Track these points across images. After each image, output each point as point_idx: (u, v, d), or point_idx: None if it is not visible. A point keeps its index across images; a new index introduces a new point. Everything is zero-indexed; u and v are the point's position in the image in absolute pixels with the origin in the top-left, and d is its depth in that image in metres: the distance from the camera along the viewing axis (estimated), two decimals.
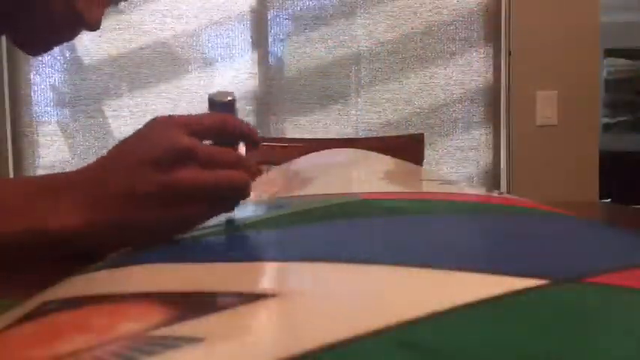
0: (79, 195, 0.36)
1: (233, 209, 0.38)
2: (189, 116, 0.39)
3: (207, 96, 0.45)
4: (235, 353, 0.15)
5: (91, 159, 0.40)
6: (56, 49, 0.61)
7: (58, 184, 0.38)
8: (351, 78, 2.12)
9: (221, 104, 0.45)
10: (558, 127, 2.05)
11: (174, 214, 0.36)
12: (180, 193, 0.36)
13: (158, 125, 0.38)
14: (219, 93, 0.46)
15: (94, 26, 0.58)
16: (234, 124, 0.41)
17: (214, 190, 0.36)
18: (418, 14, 2.10)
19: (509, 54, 2.05)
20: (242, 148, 0.43)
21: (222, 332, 0.17)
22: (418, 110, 2.12)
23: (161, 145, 0.37)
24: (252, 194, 0.38)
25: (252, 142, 0.42)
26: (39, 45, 0.61)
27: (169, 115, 0.39)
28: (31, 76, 2.05)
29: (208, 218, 0.37)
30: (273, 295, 0.20)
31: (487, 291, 0.19)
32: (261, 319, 0.19)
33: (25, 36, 0.59)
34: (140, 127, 0.39)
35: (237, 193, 0.37)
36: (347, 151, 0.85)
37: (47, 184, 0.38)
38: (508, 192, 1.96)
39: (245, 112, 2.10)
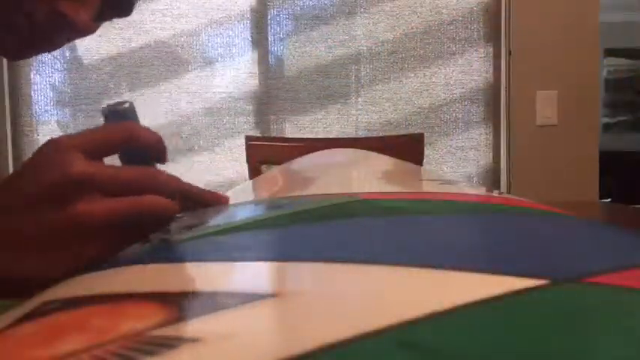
0: None
1: (149, 238, 0.33)
2: (87, 133, 0.33)
3: (104, 111, 0.38)
4: (235, 353, 0.15)
5: None
6: (57, 49, 0.59)
7: None
8: (351, 78, 2.12)
9: (119, 112, 0.38)
10: (558, 127, 2.05)
11: (71, 257, 0.30)
12: (79, 231, 0.30)
13: (48, 150, 0.32)
14: (115, 103, 0.39)
15: (83, 29, 0.55)
16: (142, 132, 0.35)
17: (121, 221, 0.31)
18: (418, 14, 2.10)
19: (510, 54, 2.05)
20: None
21: (222, 332, 0.17)
22: (418, 110, 2.12)
23: (50, 176, 0.30)
24: (253, 194, 0.38)
25: (160, 156, 0.36)
26: (22, 51, 0.58)
27: (63, 136, 0.33)
28: (31, 76, 2.05)
29: (115, 253, 0.32)
30: (273, 295, 0.20)
31: (487, 291, 0.19)
32: (261, 319, 0.19)
33: (6, 41, 0.55)
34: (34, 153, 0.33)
35: (154, 220, 0.32)
36: (347, 151, 0.85)
37: None
38: (508, 192, 1.96)
39: (245, 112, 2.10)
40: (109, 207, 0.31)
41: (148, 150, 0.36)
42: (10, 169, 2.04)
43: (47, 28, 0.55)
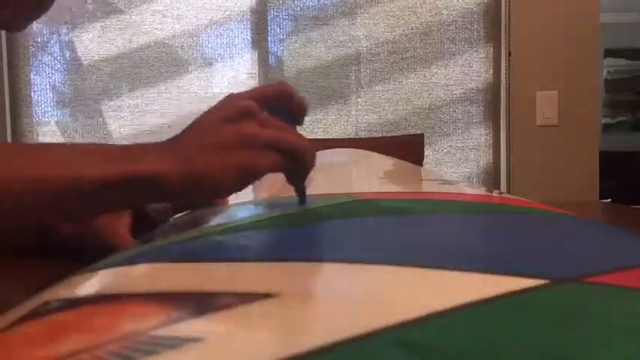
0: (164, 148, 0.41)
1: (292, 172, 0.42)
2: (251, 89, 0.45)
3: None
4: (235, 353, 0.15)
5: None
6: (56, 50, 0.60)
7: (147, 144, 0.42)
8: (351, 78, 2.12)
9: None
10: (558, 127, 2.05)
11: (244, 162, 0.39)
12: (245, 142, 0.40)
13: (227, 96, 0.44)
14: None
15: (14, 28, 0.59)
16: (292, 91, 0.45)
17: (274, 144, 0.40)
18: (418, 14, 2.10)
19: (510, 54, 2.05)
20: None
21: (222, 332, 0.17)
22: (418, 110, 2.12)
23: (226, 105, 0.42)
24: (252, 194, 0.38)
25: (300, 118, 0.46)
26: (18, 21, 0.61)
27: (237, 92, 0.44)
28: (31, 76, 2.05)
29: (271, 169, 0.40)
30: (273, 295, 0.20)
31: (487, 291, 0.19)
32: (261, 319, 0.19)
33: (9, 15, 0.58)
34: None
35: (297, 154, 0.41)
36: (347, 151, 0.85)
37: (136, 145, 0.43)
38: (508, 192, 1.96)
39: None
40: (266, 131, 0.41)
41: (294, 109, 0.45)
42: None
43: None
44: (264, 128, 0.41)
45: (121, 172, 0.38)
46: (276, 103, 0.45)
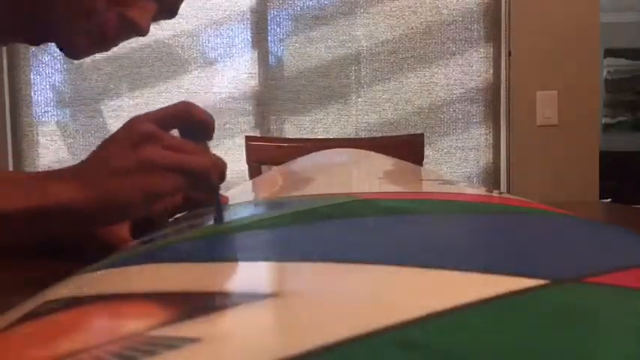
0: (70, 176, 0.42)
1: (198, 194, 0.44)
2: (154, 110, 0.46)
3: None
4: (235, 353, 0.15)
5: None
6: (56, 50, 0.61)
7: (53, 171, 0.44)
8: (351, 78, 2.12)
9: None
10: (558, 127, 2.05)
11: (146, 185, 0.41)
12: (148, 167, 0.41)
13: (130, 121, 0.44)
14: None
15: (145, 33, 0.61)
16: (196, 109, 0.46)
17: (174, 167, 0.42)
18: (418, 14, 2.10)
19: (509, 54, 2.05)
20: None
21: (222, 332, 0.17)
22: (418, 110, 2.12)
23: (128, 131, 0.43)
24: (252, 194, 0.38)
25: (208, 132, 0.47)
26: (87, 51, 0.62)
27: (138, 115, 0.45)
28: (31, 76, 2.05)
29: (172, 191, 0.42)
30: (273, 295, 0.20)
31: (487, 291, 0.19)
32: (261, 319, 0.19)
33: (75, 43, 0.59)
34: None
35: (198, 175, 0.42)
36: (347, 151, 0.85)
37: (42, 172, 0.45)
38: (508, 192, 1.96)
39: (245, 112, 2.10)
40: (167, 154, 0.42)
41: (200, 126, 0.46)
42: (10, 169, 2.04)
43: (115, 33, 0.59)
44: (166, 151, 0.42)
45: (27, 204, 0.40)
46: (181, 123, 0.46)
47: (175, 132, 0.47)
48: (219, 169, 0.44)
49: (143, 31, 0.60)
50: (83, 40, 0.59)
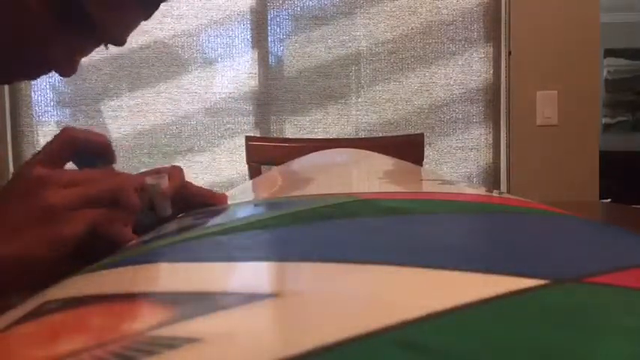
0: None
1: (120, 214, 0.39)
2: (42, 148, 0.41)
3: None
4: (235, 353, 0.15)
5: None
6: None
7: None
8: (351, 78, 2.12)
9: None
10: (558, 127, 2.05)
11: (52, 234, 0.37)
12: (49, 213, 0.37)
13: (17, 171, 0.41)
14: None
15: (68, 74, 0.60)
16: (80, 135, 0.42)
17: (82, 202, 0.38)
18: (418, 14, 2.11)
19: (509, 54, 2.06)
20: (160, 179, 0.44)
21: (222, 332, 0.17)
22: (418, 110, 2.12)
23: (18, 182, 0.39)
24: (252, 194, 0.38)
25: (107, 157, 0.43)
26: (6, 82, 0.64)
27: (28, 160, 0.41)
28: None
29: (88, 227, 0.38)
30: (273, 295, 0.20)
31: (487, 291, 0.19)
32: (261, 319, 0.19)
33: (12, 70, 0.59)
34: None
35: (113, 199, 0.39)
36: (347, 151, 0.85)
37: None
38: (508, 192, 1.96)
39: (245, 112, 2.10)
40: (68, 192, 0.38)
41: (94, 150, 0.43)
42: (10, 169, 2.04)
43: (36, 72, 0.60)
44: (66, 189, 0.38)
45: None
46: (73, 153, 0.42)
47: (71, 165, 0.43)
48: (132, 184, 0.40)
49: (65, 74, 0.60)
50: (3, 74, 0.59)
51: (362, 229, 0.31)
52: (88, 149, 0.42)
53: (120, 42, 0.62)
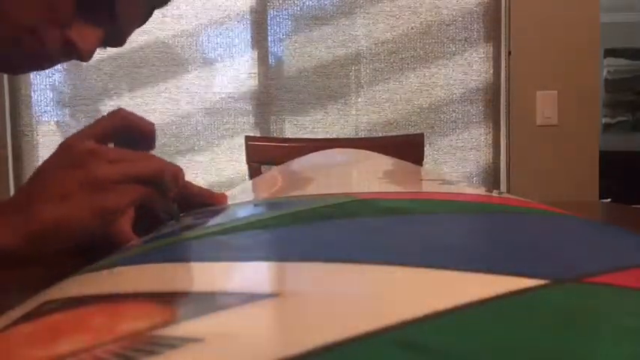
0: (6, 215, 0.39)
1: (157, 200, 0.42)
2: (88, 125, 0.43)
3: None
4: (235, 353, 0.15)
5: None
6: None
7: None
8: (351, 78, 2.12)
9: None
10: (558, 127, 2.05)
11: (95, 204, 0.39)
12: (98, 185, 0.39)
13: (64, 142, 0.42)
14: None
15: (85, 58, 0.59)
16: (133, 118, 0.44)
17: (127, 178, 0.40)
18: (418, 14, 2.11)
19: (509, 54, 2.06)
20: None
21: (222, 332, 0.17)
22: (418, 110, 2.12)
23: (65, 152, 0.41)
24: (252, 194, 0.38)
25: (149, 142, 0.45)
26: (23, 67, 0.61)
27: (72, 135, 0.42)
28: (31, 77, 2.05)
29: (132, 202, 0.40)
30: (273, 295, 0.20)
31: (487, 291, 0.19)
32: (261, 319, 0.19)
33: (11, 57, 0.58)
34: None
35: (154, 180, 0.41)
36: (347, 151, 0.85)
37: None
38: (508, 192, 1.96)
39: (245, 112, 2.10)
40: (115, 167, 0.40)
41: (139, 135, 0.44)
42: (10, 169, 2.04)
43: (54, 53, 0.58)
44: (113, 164, 0.40)
45: None
46: (119, 134, 0.44)
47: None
48: (171, 172, 0.42)
49: (83, 56, 0.58)
50: (18, 57, 0.57)
51: (362, 229, 0.31)
52: (134, 134, 0.44)
53: (123, 40, 0.62)
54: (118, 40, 0.63)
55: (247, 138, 1.55)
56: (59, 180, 0.39)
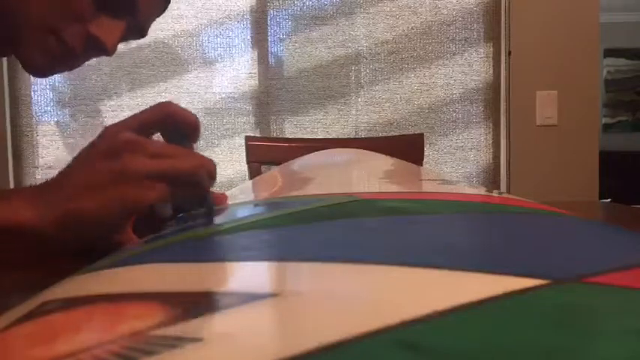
0: (32, 193, 0.40)
1: (189, 199, 0.41)
2: (132, 115, 0.43)
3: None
4: (235, 353, 0.15)
5: None
6: None
7: (15, 190, 0.41)
8: (351, 78, 2.12)
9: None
10: (558, 127, 2.05)
11: (125, 197, 0.38)
12: (130, 178, 0.39)
13: (106, 130, 0.42)
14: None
15: (110, 52, 0.59)
16: (178, 110, 0.43)
17: (159, 175, 0.39)
18: (418, 14, 2.11)
19: (509, 54, 2.06)
20: None
21: (222, 332, 0.17)
22: (418, 110, 2.12)
23: (104, 141, 0.41)
24: (252, 194, 0.38)
25: (194, 134, 0.44)
26: (50, 69, 0.61)
27: (114, 123, 0.43)
28: (31, 76, 2.05)
29: (156, 200, 0.39)
30: (273, 295, 0.20)
31: (487, 291, 0.19)
32: (261, 319, 0.19)
33: (36, 59, 0.58)
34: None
35: (187, 179, 0.40)
36: (347, 151, 0.85)
37: (5, 190, 0.42)
38: (508, 192, 1.96)
39: (245, 112, 2.10)
40: (151, 163, 0.39)
41: (184, 128, 0.44)
42: (10, 169, 2.04)
43: (78, 49, 0.58)
44: (150, 159, 0.39)
45: None
46: (163, 126, 0.43)
47: (158, 136, 0.44)
48: (207, 169, 0.41)
49: (108, 50, 0.59)
50: (44, 58, 0.58)
51: (362, 229, 0.31)
52: (179, 126, 0.43)
53: (144, 31, 0.64)
54: (139, 31, 0.64)
55: (247, 138, 1.55)
56: (92, 168, 0.39)
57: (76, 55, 0.59)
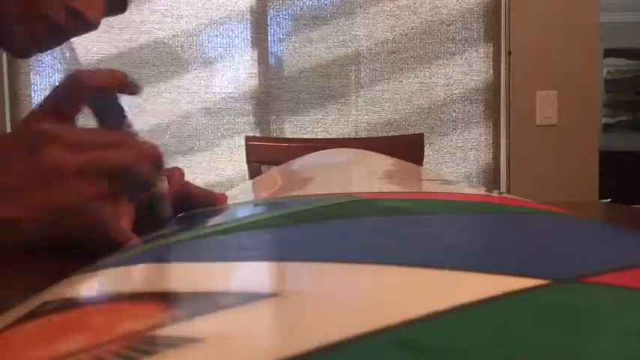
0: None
1: (124, 194, 0.35)
2: (48, 96, 0.37)
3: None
4: (235, 353, 0.16)
5: None
6: (56, 49, 0.61)
7: None
8: (351, 78, 2.12)
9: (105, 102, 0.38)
10: (558, 126, 2.05)
11: (46, 201, 0.32)
12: (51, 177, 0.32)
13: (24, 118, 0.36)
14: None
15: (92, 25, 0.59)
16: (86, 74, 0.37)
17: (90, 170, 0.33)
18: (418, 14, 2.10)
19: (509, 54, 2.05)
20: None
21: (222, 332, 0.17)
22: (418, 110, 2.12)
23: (20, 136, 0.34)
24: (252, 194, 0.38)
25: (123, 89, 0.38)
26: (31, 48, 0.60)
27: (33, 109, 0.37)
28: (31, 77, 2.05)
29: (95, 200, 0.33)
30: (273, 295, 0.20)
31: (487, 291, 0.19)
32: (261, 319, 0.19)
33: (17, 39, 0.58)
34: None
35: (125, 172, 0.34)
36: (347, 151, 0.85)
37: None
38: (508, 192, 1.96)
39: (245, 112, 2.10)
40: (78, 158, 0.33)
41: (106, 91, 0.38)
42: None
43: (62, 24, 0.57)
44: (75, 151, 0.33)
45: None
46: (81, 101, 0.37)
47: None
48: (148, 156, 0.35)
49: (90, 24, 0.58)
50: (26, 35, 0.57)
51: (362, 229, 0.31)
52: (101, 92, 0.38)
53: (125, 5, 0.63)
54: (121, 4, 0.63)
55: (247, 138, 1.55)
56: (9, 171, 0.32)
57: (60, 31, 0.58)
